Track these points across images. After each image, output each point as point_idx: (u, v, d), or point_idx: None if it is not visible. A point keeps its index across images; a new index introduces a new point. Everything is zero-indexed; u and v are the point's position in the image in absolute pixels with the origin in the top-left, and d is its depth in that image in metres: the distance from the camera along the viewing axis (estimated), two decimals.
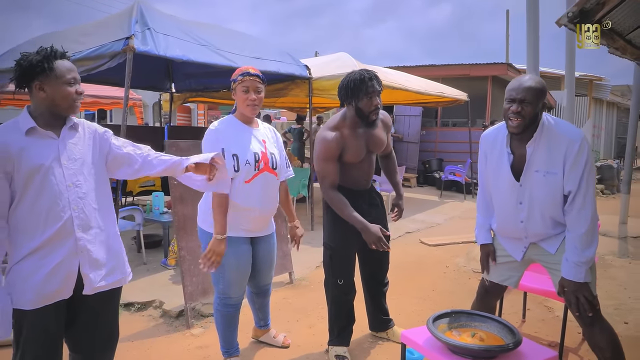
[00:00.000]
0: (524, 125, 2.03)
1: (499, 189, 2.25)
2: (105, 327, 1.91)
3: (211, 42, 4.86)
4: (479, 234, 2.43)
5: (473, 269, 4.69)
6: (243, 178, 2.38)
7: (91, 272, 1.78)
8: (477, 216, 2.48)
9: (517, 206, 2.19)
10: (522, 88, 2.01)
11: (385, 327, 3.11)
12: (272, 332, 3.03)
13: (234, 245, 2.45)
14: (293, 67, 5.91)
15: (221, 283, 2.52)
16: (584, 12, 1.93)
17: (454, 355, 1.85)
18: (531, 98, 1.99)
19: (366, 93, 2.55)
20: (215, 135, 2.39)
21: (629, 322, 3.31)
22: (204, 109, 20.08)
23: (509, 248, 2.33)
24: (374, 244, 2.57)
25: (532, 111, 2.00)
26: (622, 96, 21.50)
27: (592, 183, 2.01)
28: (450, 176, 9.97)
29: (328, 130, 2.65)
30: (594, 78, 16.11)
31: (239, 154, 2.36)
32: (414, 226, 6.81)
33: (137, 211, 4.59)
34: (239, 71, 2.44)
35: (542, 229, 2.16)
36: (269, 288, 2.89)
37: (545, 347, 2.01)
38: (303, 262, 4.71)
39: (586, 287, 2.02)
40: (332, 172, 2.64)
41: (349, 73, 2.66)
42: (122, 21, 4.31)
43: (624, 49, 2.54)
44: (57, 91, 1.71)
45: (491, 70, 11.16)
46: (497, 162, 2.22)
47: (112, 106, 9.44)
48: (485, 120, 10.94)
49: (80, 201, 1.75)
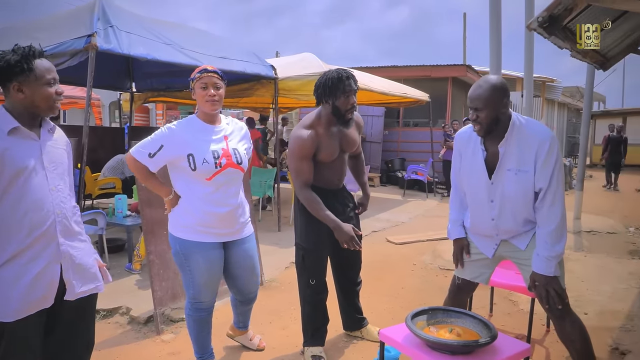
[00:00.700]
0: (485, 130, 2.12)
1: (472, 187, 2.31)
2: (84, 335, 1.86)
3: (175, 41, 4.76)
4: (453, 229, 2.48)
5: (440, 266, 4.80)
6: (203, 176, 2.32)
7: (74, 278, 1.74)
8: (450, 213, 2.53)
9: (489, 204, 2.25)
10: (472, 97, 2.12)
11: (360, 326, 3.13)
12: (249, 334, 2.99)
13: (204, 250, 2.40)
14: (259, 67, 5.87)
15: (191, 288, 2.47)
16: (553, 17, 2.01)
17: (433, 351, 1.89)
18: (482, 105, 2.08)
19: (343, 92, 2.58)
20: (167, 133, 2.33)
21: (589, 313, 3.47)
22: (163, 109, 19.63)
23: (481, 246, 2.39)
24: (346, 243, 2.61)
25: (487, 116, 2.08)
26: (571, 97, 22.52)
27: (561, 180, 2.09)
28: (412, 175, 10.16)
29: (303, 129, 2.65)
30: (546, 80, 16.80)
31: (195, 153, 2.30)
32: (379, 225, 6.90)
33: (100, 215, 4.44)
34: (196, 70, 2.40)
35: (513, 226, 2.23)
36: (253, 296, 2.78)
37: (518, 340, 2.08)
38: (272, 263, 4.69)
39: (556, 281, 2.10)
40: (307, 170, 2.64)
41: (326, 72, 2.67)
42: (83, 17, 4.15)
43: (584, 52, 2.66)
44: (37, 92, 1.65)
45: (451, 71, 11.44)
46: (471, 160, 2.28)
47: (69, 106, 9.08)
48: (446, 120, 11.19)
49: (62, 206, 1.71)
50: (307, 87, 6.31)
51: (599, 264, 4.81)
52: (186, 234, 2.39)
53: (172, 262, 3.37)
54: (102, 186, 6.62)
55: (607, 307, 3.62)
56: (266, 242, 5.38)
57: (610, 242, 6.05)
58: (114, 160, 6.78)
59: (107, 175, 6.69)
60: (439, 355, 1.86)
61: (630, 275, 4.41)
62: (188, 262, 2.41)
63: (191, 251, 2.39)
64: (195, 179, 2.34)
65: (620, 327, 3.23)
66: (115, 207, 4.89)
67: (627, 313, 3.47)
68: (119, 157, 6.82)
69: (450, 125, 10.15)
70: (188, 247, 2.39)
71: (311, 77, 6.25)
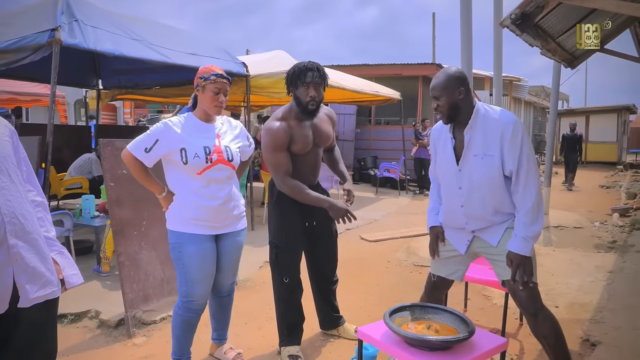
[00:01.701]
0: (446, 116, 2.23)
1: (444, 176, 2.37)
2: (45, 346, 1.70)
3: (144, 37, 4.63)
4: (429, 217, 2.51)
5: (414, 263, 4.83)
6: (194, 170, 2.37)
7: (27, 283, 1.57)
8: (428, 204, 2.56)
9: (457, 191, 2.29)
10: (432, 87, 2.23)
11: (336, 324, 3.12)
12: (225, 347, 2.84)
13: (197, 242, 2.41)
14: (230, 65, 5.78)
15: (184, 285, 2.44)
16: (525, 14, 2.04)
17: (412, 348, 1.89)
18: (439, 93, 2.19)
19: (303, 82, 2.60)
20: (163, 128, 2.38)
21: (559, 306, 3.55)
22: (131, 107, 19.19)
23: (454, 241, 2.40)
24: (342, 218, 2.63)
25: (446, 102, 2.19)
26: (537, 96, 23.15)
27: (532, 162, 2.13)
28: (385, 173, 10.23)
29: (274, 121, 2.67)
30: (513, 79, 17.20)
31: (187, 147, 2.35)
32: (353, 223, 6.87)
33: (66, 216, 4.29)
34: (209, 70, 2.41)
35: (482, 213, 2.25)
36: (231, 291, 2.75)
37: (494, 334, 2.10)
38: (246, 262, 4.60)
39: (529, 261, 2.14)
40: (285, 161, 2.64)
41: (295, 64, 2.70)
42: (46, 11, 3.99)
43: (554, 50, 2.71)
44: None
45: (422, 70, 11.56)
46: (442, 150, 2.35)
47: (32, 104, 8.75)
48: (417, 118, 11.31)
49: (10, 204, 1.54)
50: (279, 85, 6.25)
51: (567, 258, 4.94)
52: (180, 227, 2.42)
53: (144, 263, 3.29)
54: (68, 186, 6.40)
55: (576, 299, 3.72)
56: None
57: (577, 236, 6.23)
58: (81, 159, 6.56)
59: (73, 175, 6.47)
60: (417, 352, 1.86)
61: (596, 268, 4.55)
62: (181, 254, 2.42)
63: (184, 242, 2.41)
64: (186, 173, 2.39)
65: (590, 319, 3.32)
66: (83, 208, 4.73)
67: (595, 305, 3.57)
68: (86, 156, 6.60)
69: (421, 124, 10.26)
70: (182, 238, 2.42)
71: (283, 74, 6.18)
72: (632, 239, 5.81)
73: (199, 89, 2.42)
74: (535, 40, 2.43)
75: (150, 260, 3.35)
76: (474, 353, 1.87)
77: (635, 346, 2.90)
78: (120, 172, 3.24)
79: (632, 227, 6.45)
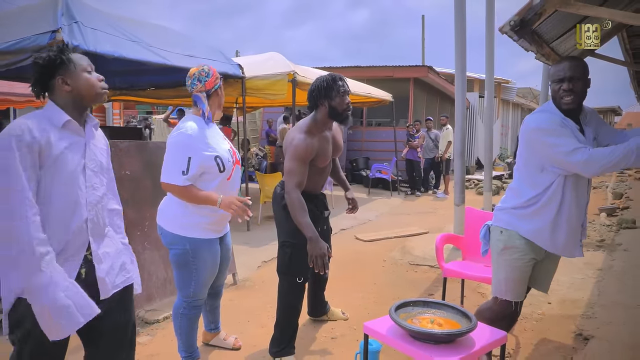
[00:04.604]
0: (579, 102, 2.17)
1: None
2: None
3: (142, 39, 4.65)
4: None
5: (409, 262, 4.92)
6: (225, 176, 2.40)
7: (106, 276, 1.74)
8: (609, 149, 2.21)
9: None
10: (570, 67, 2.13)
11: (325, 310, 3.37)
12: (222, 335, 3.00)
13: (211, 246, 2.47)
14: (226, 66, 5.82)
15: (193, 286, 2.47)
16: (524, 21, 2.13)
17: (417, 341, 1.96)
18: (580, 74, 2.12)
19: (338, 92, 2.66)
20: (188, 142, 2.31)
21: (552, 302, 3.66)
22: (120, 107, 19.07)
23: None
24: (315, 258, 2.51)
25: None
26: (524, 98, 23.44)
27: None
28: (377, 174, 10.32)
29: (302, 134, 2.66)
30: (502, 81, 17.43)
31: (221, 154, 2.38)
32: (347, 223, 6.98)
33: None
34: (215, 73, 2.46)
35: None
36: (222, 288, 2.90)
37: (495, 328, 2.18)
38: (244, 263, 4.68)
39: None
40: (303, 173, 2.64)
41: (317, 78, 2.73)
42: (45, 12, 3.99)
43: (548, 55, 2.82)
44: (80, 81, 1.68)
45: (413, 72, 11.68)
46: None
47: (25, 105, 8.69)
48: (408, 120, 11.43)
49: (96, 205, 1.71)
50: (274, 87, 6.32)
51: None
52: (196, 233, 2.41)
53: (147, 263, 3.33)
54: None
55: (567, 296, 3.83)
56: (236, 241, 5.33)
57: None
58: None
59: None
60: (422, 345, 1.94)
61: (585, 265, 4.66)
62: (196, 259, 2.42)
63: (201, 248, 2.42)
64: (218, 179, 2.38)
65: (582, 314, 3.43)
66: None
67: (587, 301, 3.68)
68: None
69: (413, 126, 10.38)
70: (199, 244, 2.42)
71: (279, 76, 6.26)
72: (619, 237, 5.95)
73: (217, 93, 2.46)
74: (531, 45, 2.53)
75: (153, 260, 3.39)
76: (475, 346, 1.95)
77: (626, 340, 3.01)
78: (123, 172, 3.28)
79: (619, 226, 6.60)
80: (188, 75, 2.46)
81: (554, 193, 2.19)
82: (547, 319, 3.41)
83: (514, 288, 2.34)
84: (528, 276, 2.35)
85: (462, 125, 5.08)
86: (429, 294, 3.98)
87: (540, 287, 2.49)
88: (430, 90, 13.50)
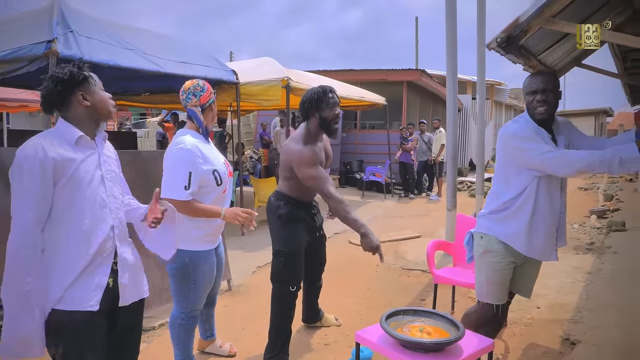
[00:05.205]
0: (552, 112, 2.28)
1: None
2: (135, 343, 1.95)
3: (137, 46, 4.69)
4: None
5: (402, 266, 4.98)
6: (222, 189, 2.45)
7: (128, 283, 1.79)
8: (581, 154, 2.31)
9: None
10: (542, 81, 2.25)
11: (319, 317, 3.41)
12: (218, 342, 3.04)
13: (209, 257, 2.52)
14: (220, 72, 5.86)
15: (192, 298, 2.51)
16: (510, 37, 2.19)
17: (407, 350, 2.02)
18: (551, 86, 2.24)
19: (328, 104, 2.73)
20: (187, 156, 2.33)
21: (540, 307, 3.73)
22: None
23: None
24: (371, 251, 2.64)
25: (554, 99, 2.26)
26: (517, 99, 23.59)
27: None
28: (371, 177, 10.39)
29: (300, 144, 2.73)
30: (495, 83, 17.56)
31: (218, 168, 2.43)
32: (341, 227, 6.99)
33: None
34: (210, 88, 2.50)
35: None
36: (216, 297, 2.94)
37: (482, 336, 2.24)
38: (239, 268, 4.72)
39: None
40: (324, 174, 2.70)
41: (309, 89, 2.82)
42: (40, 22, 4.03)
43: (535, 67, 2.90)
44: (98, 98, 1.74)
45: (407, 75, 11.76)
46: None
47: (18, 109, 8.70)
48: (402, 122, 11.51)
49: (118, 212, 1.77)
50: (268, 92, 6.36)
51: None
52: (194, 245, 2.45)
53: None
54: None
55: (556, 300, 3.90)
56: (231, 247, 5.38)
57: None
58: None
59: None
60: (412, 354, 2.00)
61: (574, 269, 4.74)
62: (195, 272, 2.46)
63: (200, 261, 2.47)
64: (214, 193, 2.42)
65: (570, 319, 3.50)
66: None
67: (575, 305, 3.75)
68: None
69: (406, 129, 10.46)
70: (198, 257, 2.46)
71: (273, 82, 6.31)
72: (609, 240, 6.02)
73: (210, 107, 2.49)
74: (518, 59, 2.60)
75: (149, 267, 3.41)
76: (463, 354, 2.01)
77: (612, 344, 3.07)
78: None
79: (609, 228, 6.67)
80: (183, 89, 2.47)
81: (528, 196, 2.28)
82: (536, 323, 3.47)
83: (494, 291, 2.41)
84: (509, 279, 2.43)
85: (454, 131, 5.14)
86: (421, 299, 4.04)
87: (522, 292, 2.58)
88: (424, 93, 13.60)
